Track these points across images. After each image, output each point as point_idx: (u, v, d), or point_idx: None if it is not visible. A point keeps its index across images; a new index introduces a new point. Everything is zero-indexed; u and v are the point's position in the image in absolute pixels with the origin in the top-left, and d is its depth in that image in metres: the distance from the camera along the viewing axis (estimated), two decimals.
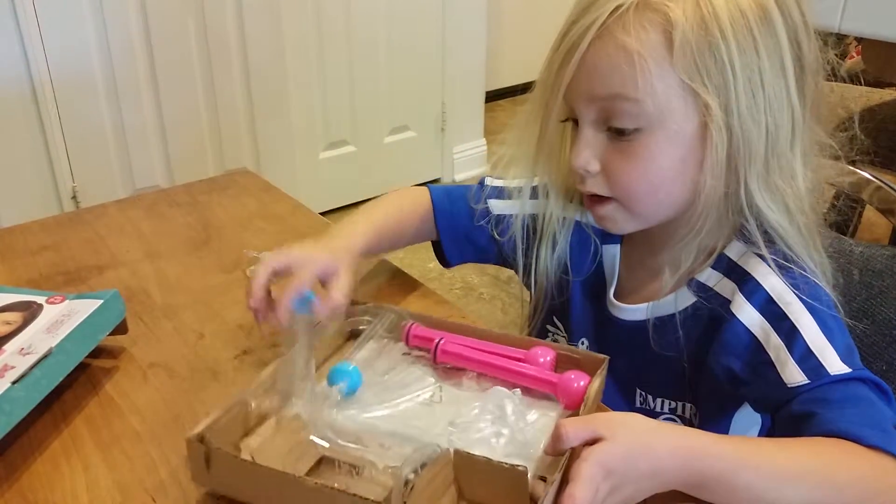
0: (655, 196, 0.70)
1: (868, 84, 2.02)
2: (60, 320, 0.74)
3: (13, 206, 2.05)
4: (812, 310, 0.67)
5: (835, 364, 0.64)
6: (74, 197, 2.17)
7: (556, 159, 0.78)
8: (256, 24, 2.36)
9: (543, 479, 0.58)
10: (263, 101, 2.47)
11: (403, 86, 2.79)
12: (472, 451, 0.58)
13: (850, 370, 0.63)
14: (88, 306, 0.76)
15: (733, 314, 0.69)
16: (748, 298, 0.69)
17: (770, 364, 0.66)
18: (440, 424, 0.66)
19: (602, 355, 0.68)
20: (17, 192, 2.07)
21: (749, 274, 0.70)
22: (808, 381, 0.64)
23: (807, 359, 0.65)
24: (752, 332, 0.68)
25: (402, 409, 0.68)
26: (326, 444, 0.63)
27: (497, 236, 0.87)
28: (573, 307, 0.85)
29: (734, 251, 0.72)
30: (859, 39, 2.29)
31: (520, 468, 0.55)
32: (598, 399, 0.68)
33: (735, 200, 0.69)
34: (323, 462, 0.62)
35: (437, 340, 0.73)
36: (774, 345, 0.67)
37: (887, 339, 0.78)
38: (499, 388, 0.68)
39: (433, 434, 0.64)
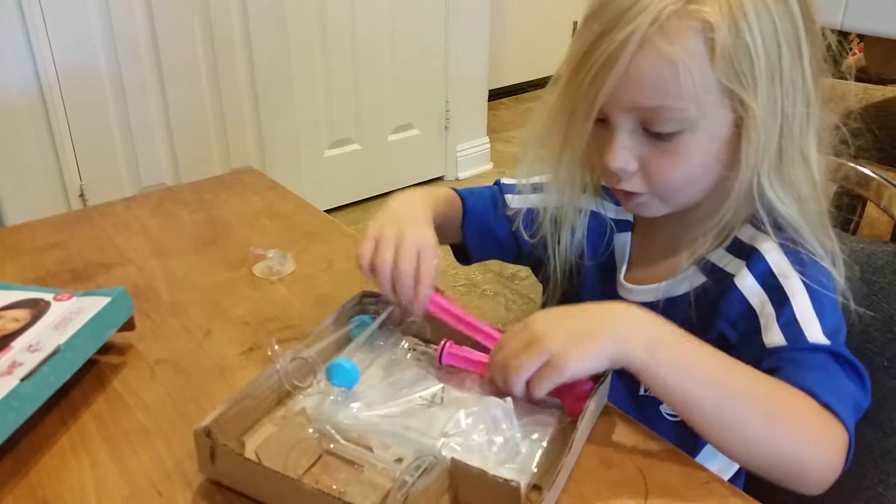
0: (692, 189, 0.72)
1: (870, 81, 2.02)
2: (68, 317, 0.74)
3: (21, 204, 2.06)
4: (809, 287, 0.67)
5: (815, 334, 0.65)
6: (82, 195, 2.18)
7: (580, 156, 0.78)
8: (261, 23, 2.37)
9: (538, 488, 0.59)
10: (269, 100, 2.47)
11: (407, 84, 2.80)
12: (467, 460, 0.58)
13: (828, 343, 0.64)
14: (96, 303, 0.76)
15: (735, 286, 0.71)
16: (751, 271, 0.70)
17: (757, 331, 0.68)
18: (440, 427, 0.66)
19: None
20: (25, 191, 2.08)
21: (756, 250, 0.71)
22: (785, 344, 0.65)
23: (790, 325, 0.66)
24: (750, 301, 0.69)
25: (405, 408, 0.69)
26: (331, 445, 0.64)
27: (515, 231, 0.89)
28: (583, 293, 0.86)
29: (746, 234, 0.73)
30: (861, 37, 2.28)
31: (513, 483, 0.55)
32: (601, 403, 0.69)
33: (748, 192, 0.69)
34: (325, 458, 0.63)
35: (442, 343, 0.74)
36: (766, 313, 0.68)
37: (888, 336, 0.78)
38: (491, 397, 0.68)
39: (432, 437, 0.65)
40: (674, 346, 0.61)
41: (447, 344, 0.74)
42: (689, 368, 0.61)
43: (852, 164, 0.89)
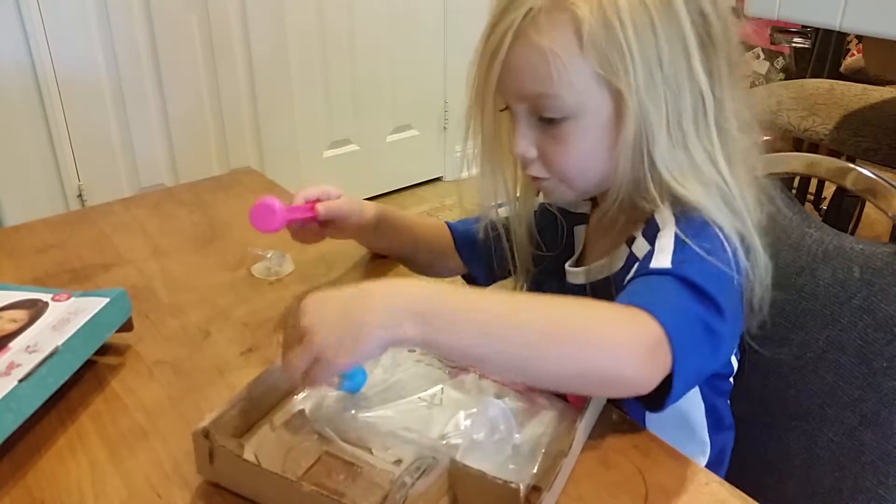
0: (585, 174, 0.75)
1: (869, 82, 2.01)
2: (66, 318, 0.74)
3: (19, 205, 2.06)
4: (678, 240, 0.67)
5: (660, 263, 0.65)
6: (80, 195, 2.18)
7: (502, 149, 0.81)
8: (260, 23, 2.37)
9: (538, 489, 0.59)
10: (267, 101, 2.47)
11: (406, 85, 2.80)
12: (466, 461, 0.58)
13: (668, 266, 0.64)
14: (94, 304, 0.76)
15: (632, 252, 0.73)
16: (644, 235, 0.72)
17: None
18: (439, 428, 0.66)
19: None
20: (23, 191, 2.08)
21: (654, 218, 0.72)
22: (631, 276, 0.67)
23: (644, 264, 0.67)
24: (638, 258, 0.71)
25: (404, 410, 0.69)
26: (329, 446, 0.64)
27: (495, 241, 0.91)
28: (542, 280, 0.89)
29: (661, 217, 0.73)
30: (860, 37, 2.28)
31: (512, 485, 0.55)
32: (601, 403, 0.69)
33: (644, 178, 0.71)
34: (324, 460, 0.63)
35: None
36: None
37: (888, 337, 0.78)
38: (490, 398, 0.68)
39: (431, 438, 0.65)
40: (446, 310, 0.59)
41: None
42: (465, 329, 0.58)
43: (851, 165, 0.89)
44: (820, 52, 2.34)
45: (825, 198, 2.07)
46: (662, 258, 0.66)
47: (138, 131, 2.24)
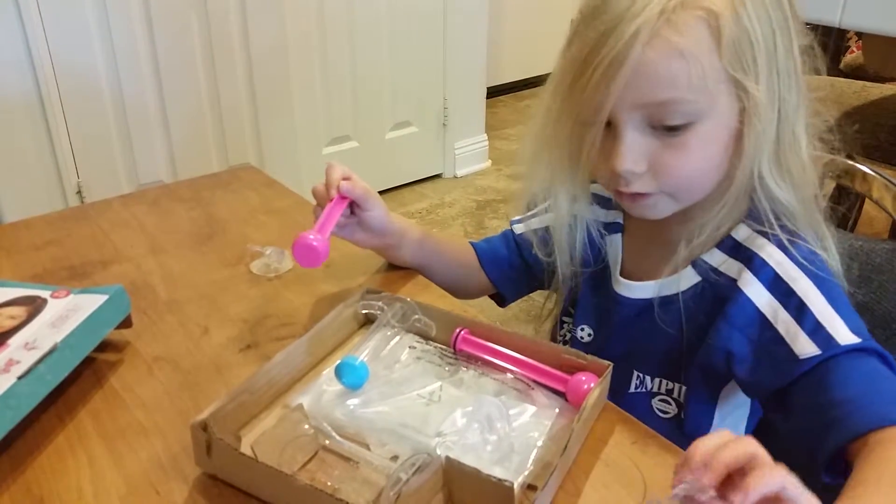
0: (702, 182, 0.71)
1: (868, 79, 2.01)
2: (65, 315, 0.74)
3: (18, 202, 2.06)
4: (818, 283, 0.68)
5: (845, 335, 0.64)
6: (79, 192, 2.18)
7: (583, 164, 0.76)
8: (259, 20, 2.36)
9: (533, 487, 0.59)
10: (266, 97, 2.47)
11: (405, 81, 2.79)
12: (461, 458, 0.58)
13: (860, 340, 0.64)
14: (93, 301, 0.76)
15: (741, 291, 0.70)
16: (756, 276, 0.70)
17: (779, 340, 0.67)
18: (436, 425, 0.66)
19: (606, 361, 0.69)
20: (22, 188, 2.08)
21: (756, 253, 0.71)
22: (819, 352, 0.64)
23: (817, 331, 0.65)
24: (761, 309, 0.69)
25: (402, 406, 0.69)
26: (327, 441, 0.64)
27: (528, 257, 0.91)
28: (581, 295, 0.86)
29: (741, 233, 0.73)
30: (860, 34, 2.28)
31: (506, 483, 0.55)
32: (600, 402, 0.69)
33: (749, 180, 0.69)
34: (321, 455, 0.63)
35: (457, 331, 0.75)
36: (783, 320, 0.67)
37: (887, 333, 0.78)
38: (486, 396, 0.68)
39: (428, 435, 0.65)
40: None
41: (462, 331, 0.75)
42: None
43: (851, 162, 0.89)
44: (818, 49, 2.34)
45: (824, 195, 2.07)
46: (840, 329, 0.64)
47: (137, 128, 2.24)
